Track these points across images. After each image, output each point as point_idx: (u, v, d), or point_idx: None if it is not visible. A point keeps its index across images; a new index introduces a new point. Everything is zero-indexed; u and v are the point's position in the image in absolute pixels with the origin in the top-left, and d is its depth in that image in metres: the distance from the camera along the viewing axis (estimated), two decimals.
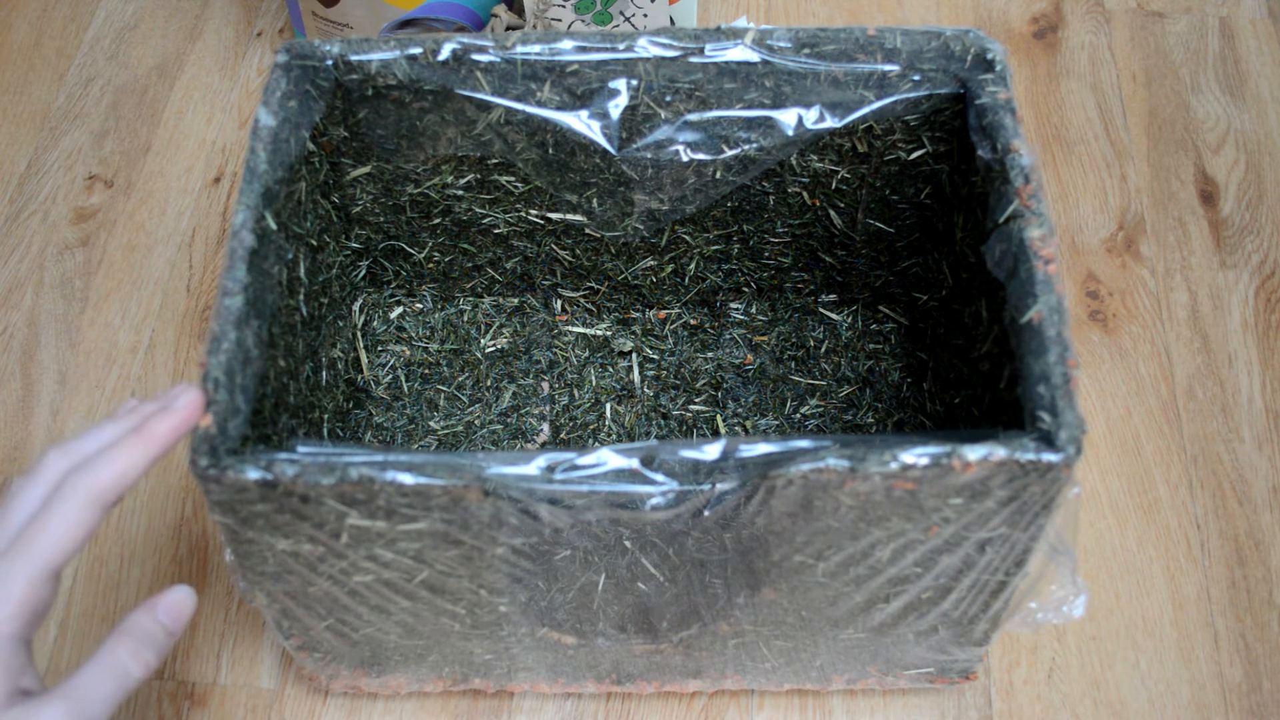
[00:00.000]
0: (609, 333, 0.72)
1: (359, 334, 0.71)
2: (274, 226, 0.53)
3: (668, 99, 0.59)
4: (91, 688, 0.44)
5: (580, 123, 0.59)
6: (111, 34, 0.93)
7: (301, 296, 0.58)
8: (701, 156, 0.60)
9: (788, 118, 0.59)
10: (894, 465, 0.44)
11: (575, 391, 0.70)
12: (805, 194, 0.64)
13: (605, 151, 0.60)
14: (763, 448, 0.46)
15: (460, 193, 0.65)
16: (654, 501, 0.46)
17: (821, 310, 0.72)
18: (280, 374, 0.54)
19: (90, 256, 0.81)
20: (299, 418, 0.58)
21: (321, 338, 0.62)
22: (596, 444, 0.66)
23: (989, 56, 0.56)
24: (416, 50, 0.57)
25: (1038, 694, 0.65)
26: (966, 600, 0.53)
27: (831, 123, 0.58)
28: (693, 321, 0.72)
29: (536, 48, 0.57)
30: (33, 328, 0.78)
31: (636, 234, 0.66)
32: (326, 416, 0.63)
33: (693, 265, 0.69)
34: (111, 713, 0.44)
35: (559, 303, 0.73)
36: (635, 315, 0.72)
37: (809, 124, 0.58)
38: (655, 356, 0.71)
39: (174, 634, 0.47)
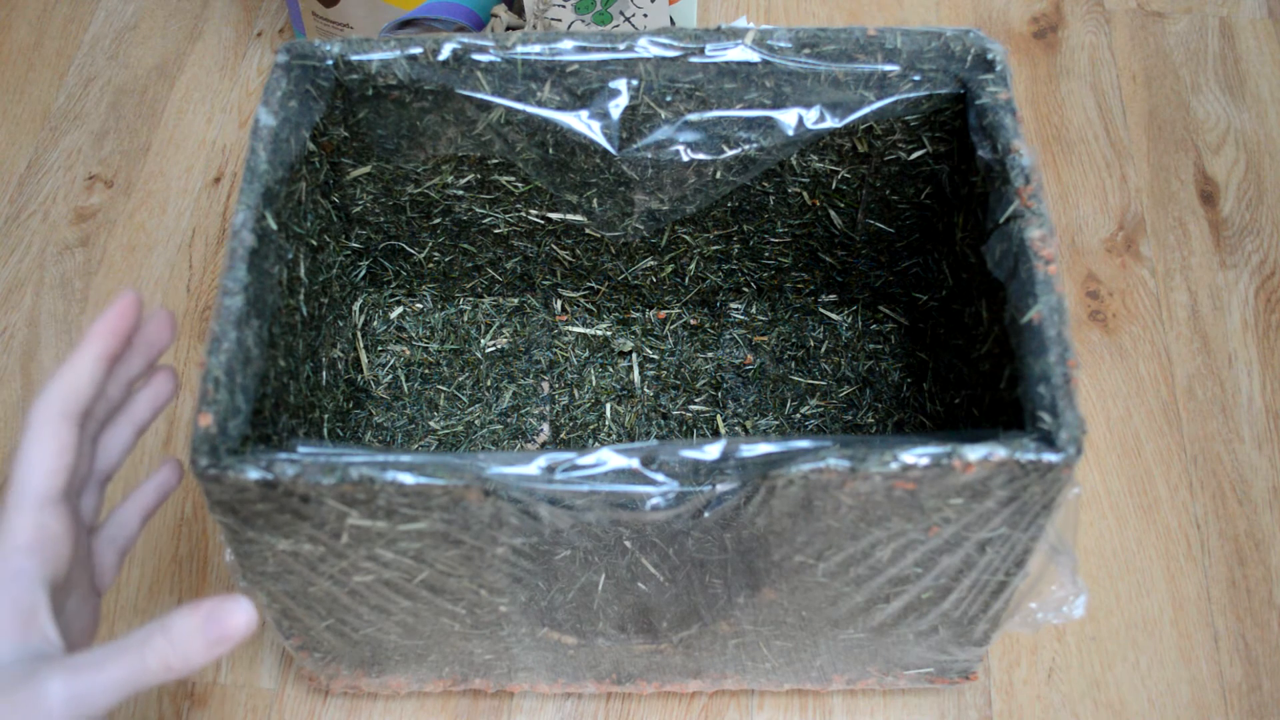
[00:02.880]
0: (609, 333, 0.72)
1: (359, 334, 0.71)
2: (274, 226, 0.53)
3: (668, 99, 0.59)
4: (104, 672, 0.40)
5: (580, 123, 0.59)
6: (111, 34, 0.93)
7: (301, 296, 0.58)
8: (702, 156, 0.60)
9: (788, 118, 0.59)
10: (894, 465, 0.44)
11: (575, 391, 0.70)
12: (805, 194, 0.64)
13: (605, 151, 0.60)
14: (763, 448, 0.46)
15: (460, 193, 0.65)
16: (654, 502, 0.46)
17: (821, 310, 0.72)
18: (280, 374, 0.54)
19: (90, 256, 0.81)
20: (299, 418, 0.58)
21: (321, 338, 0.62)
22: (596, 444, 0.66)
23: (989, 57, 0.56)
24: (417, 50, 0.57)
25: (1038, 694, 0.65)
26: (967, 600, 0.53)
27: (832, 123, 0.58)
28: (693, 321, 0.72)
29: (536, 48, 0.57)
30: (33, 328, 0.78)
31: (636, 234, 0.66)
32: (326, 416, 0.63)
33: (693, 265, 0.69)
34: (115, 704, 0.41)
35: (559, 303, 0.73)
36: (635, 315, 0.72)
37: (809, 124, 0.59)
38: (655, 356, 0.71)
39: (215, 655, 0.41)
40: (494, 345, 0.72)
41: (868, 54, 0.57)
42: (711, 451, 0.46)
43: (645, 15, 0.80)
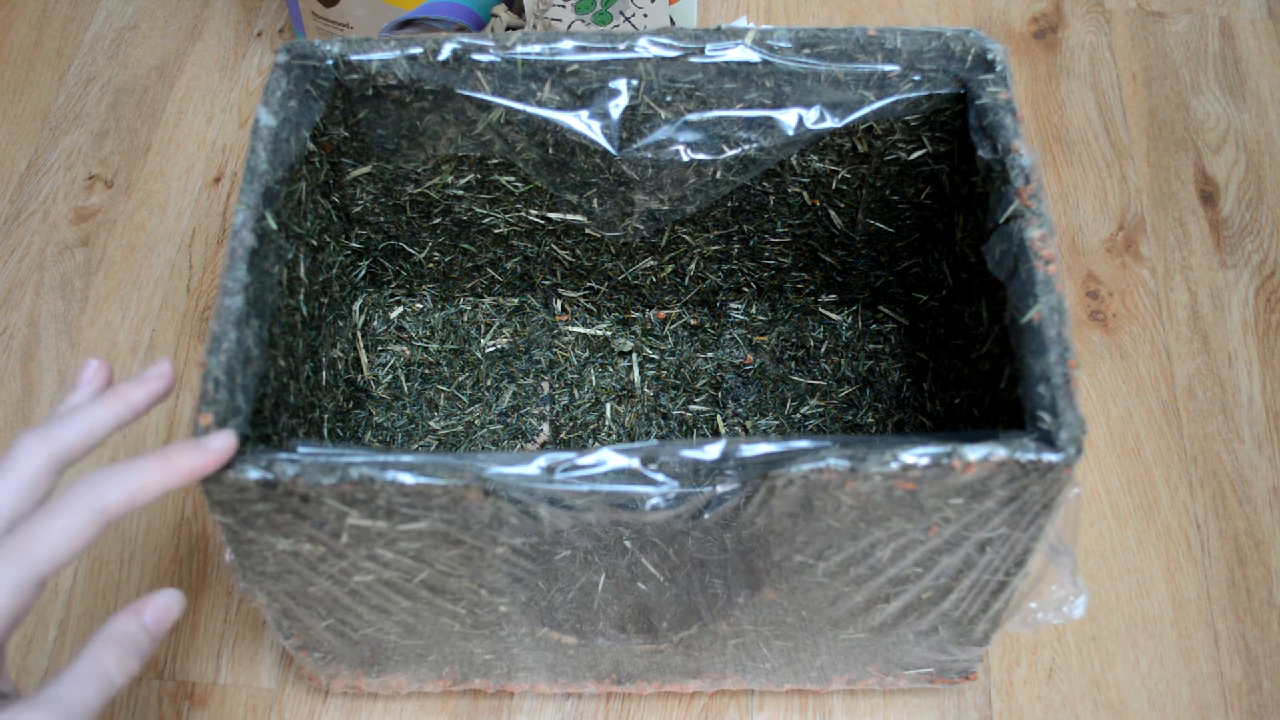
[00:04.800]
0: (609, 333, 0.72)
1: (359, 334, 0.71)
2: (274, 226, 0.53)
3: (668, 99, 0.59)
4: (75, 695, 0.42)
5: (580, 123, 0.59)
6: (111, 34, 0.93)
7: (301, 296, 0.58)
8: (701, 156, 0.60)
9: (788, 118, 0.59)
10: (894, 465, 0.44)
11: (575, 391, 0.70)
12: (805, 194, 0.64)
13: (605, 151, 0.60)
14: (763, 448, 0.46)
15: (460, 193, 0.65)
16: (654, 502, 0.46)
17: (821, 310, 0.72)
18: (280, 374, 0.54)
19: (90, 256, 0.81)
20: (299, 418, 0.58)
21: (321, 338, 0.62)
22: (596, 444, 0.66)
23: (989, 56, 0.56)
24: (417, 50, 0.57)
25: (1038, 694, 0.65)
26: (967, 600, 0.53)
27: (832, 123, 0.58)
28: (693, 321, 0.72)
29: (536, 48, 0.57)
30: (33, 328, 0.78)
31: (636, 234, 0.66)
32: (326, 416, 0.63)
33: (693, 265, 0.69)
34: None
35: (559, 303, 0.73)
36: (635, 315, 0.72)
37: (809, 124, 0.59)
38: (655, 356, 0.71)
39: (157, 639, 0.45)
40: (494, 345, 0.72)
41: (868, 54, 0.57)
42: (711, 451, 0.46)
43: (645, 15, 0.80)
